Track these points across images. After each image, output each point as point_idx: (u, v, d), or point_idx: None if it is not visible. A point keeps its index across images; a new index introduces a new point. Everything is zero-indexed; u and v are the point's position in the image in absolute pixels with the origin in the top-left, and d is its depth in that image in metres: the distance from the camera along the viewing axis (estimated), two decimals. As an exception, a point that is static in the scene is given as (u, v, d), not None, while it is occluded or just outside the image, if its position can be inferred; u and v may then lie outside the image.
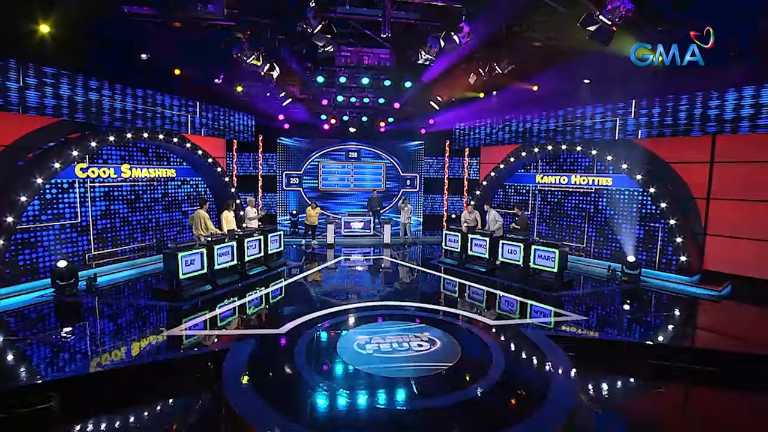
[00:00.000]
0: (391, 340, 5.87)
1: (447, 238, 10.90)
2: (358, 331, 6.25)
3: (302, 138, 14.76)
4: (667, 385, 5.48)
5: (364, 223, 13.73)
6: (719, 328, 6.96)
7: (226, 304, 7.46)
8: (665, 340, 6.31)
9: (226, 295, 7.89)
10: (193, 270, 7.69)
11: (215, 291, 7.99)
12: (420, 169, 15.60)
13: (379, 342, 5.82)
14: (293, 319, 6.58)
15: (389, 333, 6.12)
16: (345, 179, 15.33)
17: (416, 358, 5.37)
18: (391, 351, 5.54)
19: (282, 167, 14.71)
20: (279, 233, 10.08)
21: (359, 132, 14.63)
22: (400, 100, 12.73)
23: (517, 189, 13.12)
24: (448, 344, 5.78)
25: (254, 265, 9.27)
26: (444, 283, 9.21)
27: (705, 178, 8.86)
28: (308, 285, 8.88)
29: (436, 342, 5.86)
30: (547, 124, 11.76)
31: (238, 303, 7.60)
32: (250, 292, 8.16)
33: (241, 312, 7.27)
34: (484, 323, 6.61)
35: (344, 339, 5.95)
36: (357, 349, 5.61)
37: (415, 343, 5.79)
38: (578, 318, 6.96)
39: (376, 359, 5.33)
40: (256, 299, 7.90)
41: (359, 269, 10.52)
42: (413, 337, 6.01)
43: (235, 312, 7.24)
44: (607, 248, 10.78)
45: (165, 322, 6.61)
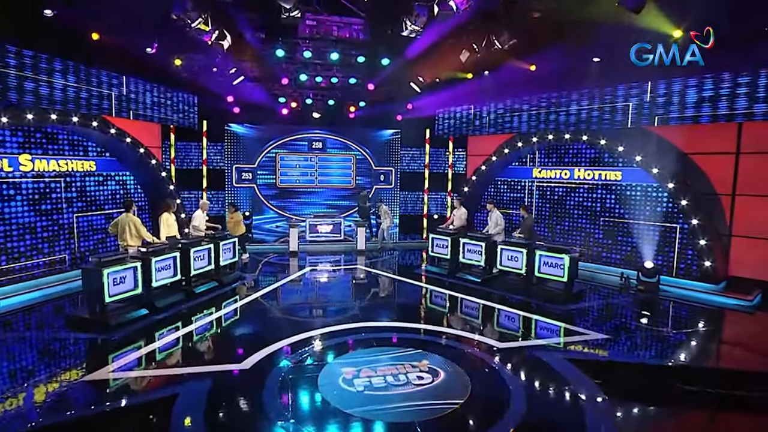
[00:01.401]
0: (383, 372, 5.60)
1: (434, 243, 10.76)
2: (342, 361, 5.95)
3: (256, 125, 14.48)
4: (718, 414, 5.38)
5: (333, 227, 13.55)
6: (764, 347, 6.97)
7: (169, 333, 7.02)
8: (705, 361, 6.31)
9: (168, 320, 7.44)
10: (123, 290, 7.14)
11: (154, 316, 7.49)
12: (396, 163, 15.58)
13: (370, 375, 5.53)
14: (257, 349, 6.20)
15: (380, 362, 5.84)
16: (308, 174, 15.15)
17: (418, 394, 5.10)
18: (385, 386, 5.28)
19: (232, 160, 14.39)
20: (233, 240, 9.73)
21: (325, 118, 14.43)
22: (375, 81, 12.55)
23: (511, 185, 13.16)
24: (453, 375, 5.59)
25: (203, 281, 8.84)
26: (433, 297, 9.18)
27: (730, 172, 9.00)
28: (271, 304, 8.61)
29: (439, 372, 5.64)
30: (548, 109, 11.77)
31: (185, 331, 7.16)
32: (199, 316, 7.76)
33: (190, 342, 6.84)
34: (490, 346, 6.50)
35: (326, 373, 5.61)
36: (344, 386, 5.30)
37: (413, 375, 5.54)
38: (598, 336, 6.90)
39: (369, 399, 5.02)
40: (208, 325, 7.53)
41: (330, 282, 10.45)
42: (410, 366, 5.77)
43: (182, 343, 6.78)
44: (618, 252, 10.86)
45: (85, 361, 6.07)
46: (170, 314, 7.63)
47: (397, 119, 14.99)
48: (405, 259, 12.41)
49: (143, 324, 7.16)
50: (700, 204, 9.25)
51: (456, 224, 10.89)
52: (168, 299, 7.87)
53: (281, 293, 9.21)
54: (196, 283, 8.61)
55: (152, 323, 7.24)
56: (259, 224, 14.63)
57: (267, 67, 11.77)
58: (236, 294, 8.91)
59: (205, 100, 13.06)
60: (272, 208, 14.99)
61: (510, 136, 12.50)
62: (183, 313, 7.76)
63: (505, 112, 12.72)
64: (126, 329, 6.89)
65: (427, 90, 12.78)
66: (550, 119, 11.72)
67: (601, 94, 10.65)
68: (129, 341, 6.56)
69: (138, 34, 9.27)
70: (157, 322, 7.30)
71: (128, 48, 9.48)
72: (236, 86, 12.27)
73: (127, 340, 6.58)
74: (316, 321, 7.59)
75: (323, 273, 11.05)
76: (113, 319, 6.91)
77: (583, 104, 11.03)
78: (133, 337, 6.71)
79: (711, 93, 8.94)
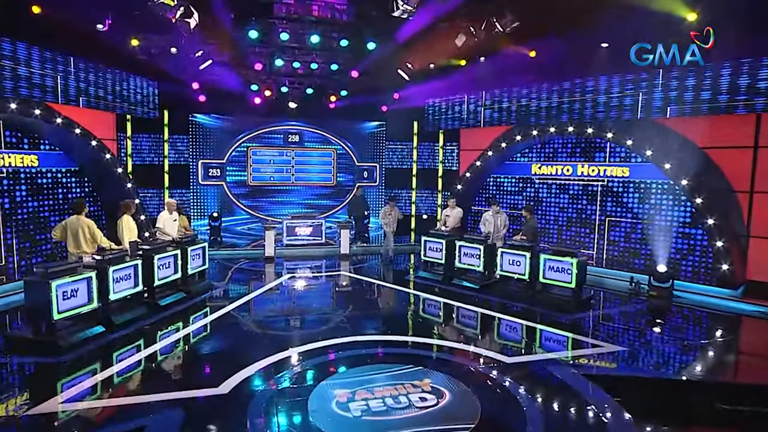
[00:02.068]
0: (382, 394, 5.46)
1: (427, 246, 10.67)
2: (334, 382, 5.78)
3: (225, 115, 14.33)
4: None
5: (313, 229, 13.43)
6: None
7: (130, 354, 6.73)
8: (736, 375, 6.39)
9: (128, 339, 7.15)
10: (75, 305, 6.79)
11: (112, 334, 7.18)
12: (381, 158, 15.59)
13: (367, 397, 5.38)
14: (236, 370, 5.98)
15: (377, 382, 5.71)
16: (284, 171, 15.09)
17: (423, 418, 4.98)
18: (386, 410, 5.14)
19: (197, 154, 14.19)
20: (202, 245, 9.50)
21: (302, 108, 14.32)
22: (360, 67, 12.49)
23: (508, 182, 13.12)
24: (460, 395, 5.49)
25: (169, 292, 8.59)
26: (429, 306, 9.18)
27: (747, 167, 9.08)
28: (246, 317, 8.42)
29: (444, 392, 5.54)
30: (549, 99, 11.79)
31: (149, 351, 6.89)
32: (165, 332, 7.52)
33: (156, 364, 6.57)
34: (496, 361, 6.45)
35: (317, 396, 5.42)
36: (338, 411, 5.12)
37: (415, 396, 5.43)
38: (614, 348, 6.92)
39: (368, 426, 4.87)
40: (176, 342, 7.29)
41: (313, 291, 10.36)
42: (410, 386, 5.66)
43: (146, 365, 6.50)
44: (626, 255, 10.90)
45: (28, 390, 5.70)
46: (131, 331, 7.36)
47: (383, 110, 14.97)
48: (391, 264, 12.36)
49: (99, 344, 6.86)
50: (716, 202, 9.31)
51: (450, 225, 10.83)
52: (128, 314, 7.62)
53: (258, 305, 9.04)
54: (160, 295, 8.34)
55: (110, 343, 6.95)
56: (229, 226, 14.43)
57: (238, 51, 11.62)
58: (207, 306, 8.67)
59: (166, 86, 12.79)
60: (244, 209, 14.85)
61: (507, 129, 12.50)
62: (146, 329, 7.52)
63: (503, 103, 12.71)
64: (79, 351, 6.59)
65: (417, 78, 12.75)
66: (551, 110, 11.73)
67: (608, 82, 10.68)
68: (82, 365, 6.28)
69: (87, 8, 9.01)
70: (115, 341, 7.02)
71: (76, 24, 9.17)
72: (203, 71, 12.04)
73: (81, 364, 6.29)
74: (300, 336, 7.44)
75: (304, 281, 10.92)
76: (63, 339, 6.58)
77: (589, 94, 11.06)
78: (88, 359, 6.43)
79: (728, 81, 9.02)
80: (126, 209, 8.39)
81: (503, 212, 10.53)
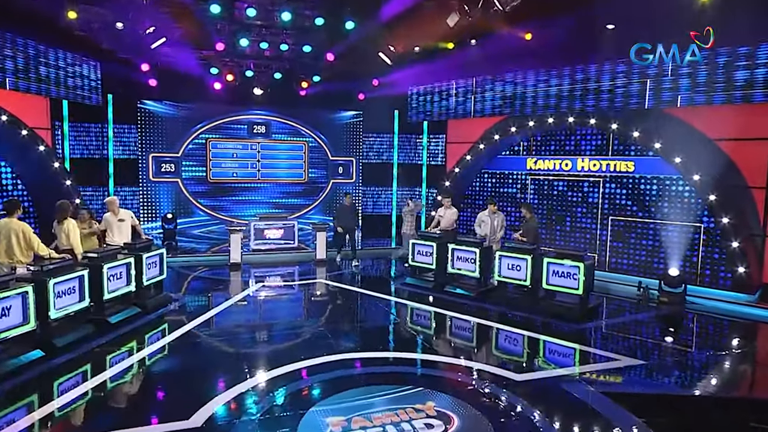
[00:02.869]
0: (381, 421, 5.29)
1: (415, 250, 10.63)
2: (326, 408, 5.57)
3: (180, 102, 14.24)
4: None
5: (285, 231, 13.26)
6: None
7: (75, 383, 6.33)
8: None
9: (73, 364, 6.76)
10: (8, 326, 6.45)
11: (53, 359, 6.80)
12: (358, 152, 15.67)
13: (365, 426, 5.20)
14: (207, 398, 5.71)
15: (374, 407, 5.56)
16: (248, 166, 15.10)
17: None
18: None
19: (148, 147, 14.08)
20: (159, 252, 9.21)
21: (270, 96, 14.37)
22: (336, 50, 12.48)
23: (500, 178, 13.23)
24: (470, 420, 5.37)
25: (120, 307, 8.29)
26: (419, 317, 9.24)
27: (763, 160, 9.24)
28: (213, 335, 8.12)
29: (452, 418, 5.40)
30: (548, 87, 11.92)
31: (99, 378, 6.45)
32: (117, 355, 7.13)
33: (107, 395, 6.17)
34: (505, 379, 6.40)
35: (307, 426, 5.20)
36: None
37: (420, 422, 5.28)
38: (632, 362, 6.91)
39: None
40: (131, 367, 6.87)
41: (288, 303, 10.23)
42: (413, 411, 5.50)
43: (95, 396, 6.08)
44: (631, 258, 11.00)
45: None
46: (76, 355, 6.95)
47: (360, 98, 15.02)
48: (374, 270, 12.32)
49: (37, 372, 6.46)
50: (730, 199, 9.48)
51: (443, 226, 10.75)
52: (72, 335, 7.26)
53: (225, 320, 8.76)
54: (111, 311, 8.00)
55: (51, 370, 6.55)
56: (185, 229, 14.30)
57: (197, 28, 11.50)
58: (165, 323, 8.34)
59: (110, 68, 12.69)
60: (203, 209, 14.80)
61: (501, 119, 12.57)
62: (94, 352, 7.12)
63: (495, 91, 12.77)
64: (11, 381, 6.18)
65: (400, 63, 12.80)
66: (550, 99, 11.83)
67: (612, 68, 10.79)
68: (16, 397, 5.89)
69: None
70: (57, 367, 6.63)
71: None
72: (154, 51, 11.99)
73: (13, 398, 5.88)
74: (279, 355, 7.17)
75: (276, 291, 10.74)
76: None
77: (591, 81, 11.17)
78: (22, 392, 6.05)
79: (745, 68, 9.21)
80: (62, 212, 8.12)
81: (500, 212, 10.44)
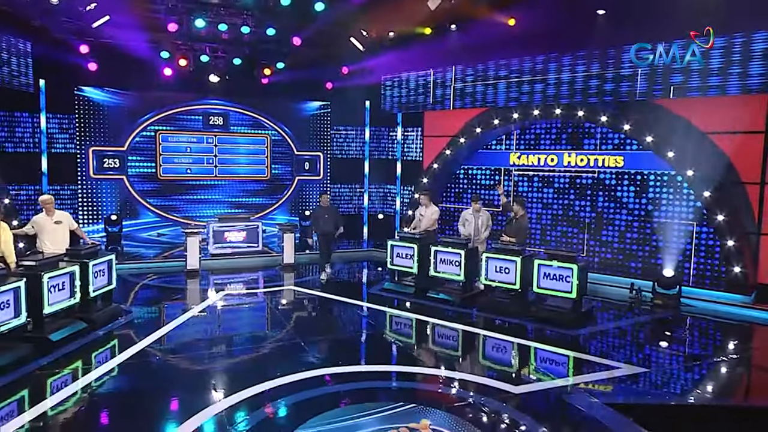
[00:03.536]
0: None
1: (394, 253, 10.55)
2: (311, 431, 5.38)
3: (125, 90, 14.05)
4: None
5: (248, 233, 12.98)
6: None
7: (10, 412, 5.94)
8: None
9: (7, 390, 6.36)
10: None
11: None
12: (325, 146, 15.71)
13: None
14: (168, 428, 5.52)
15: (365, 428, 5.42)
16: (204, 161, 15.04)
17: None
18: None
19: (87, 140, 13.87)
20: (108, 258, 8.84)
21: (228, 84, 14.21)
22: (303, 33, 12.41)
23: (481, 174, 13.24)
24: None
25: (63, 322, 7.89)
26: (401, 326, 9.23)
27: (757, 155, 9.46)
28: (172, 353, 7.79)
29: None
30: (533, 77, 12.00)
31: (39, 408, 6.02)
32: (59, 379, 6.73)
33: (48, 425, 5.79)
34: (502, 391, 6.35)
35: None
36: None
37: None
38: (634, 370, 6.97)
39: None
40: (77, 393, 6.44)
41: (254, 313, 10.02)
42: (407, 431, 5.39)
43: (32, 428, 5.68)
44: (622, 258, 11.17)
45: None
46: (11, 380, 6.55)
47: (328, 88, 14.97)
48: (347, 274, 12.23)
49: None
50: (725, 195, 9.68)
51: (423, 226, 10.68)
52: (7, 356, 6.87)
53: (185, 334, 8.40)
54: (52, 327, 7.59)
55: None
56: (132, 232, 14.17)
57: (146, 6, 11.37)
58: (116, 339, 7.96)
59: (43, 49, 12.33)
60: (152, 209, 14.67)
61: (482, 111, 12.61)
62: (33, 376, 6.72)
63: (477, 80, 12.80)
64: None
65: (373, 49, 12.85)
66: (535, 89, 11.92)
67: (602, 57, 10.91)
68: None
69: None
70: None
71: None
72: (96, 31, 11.83)
73: None
74: (250, 373, 6.87)
75: (241, 300, 10.50)
76: None
77: (580, 71, 11.28)
78: None
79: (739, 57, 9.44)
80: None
81: (486, 211, 10.41)
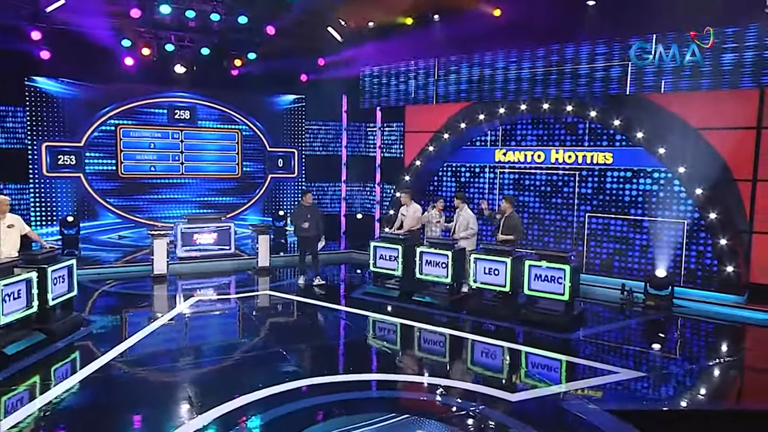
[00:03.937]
0: None
1: (377, 255, 10.50)
2: None
3: (82, 81, 13.93)
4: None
5: (219, 235, 12.75)
6: None
7: None
8: None
9: None
10: None
11: None
12: (300, 142, 15.76)
13: None
14: None
15: None
16: (170, 158, 15.01)
17: None
18: None
19: (40, 135, 13.77)
20: (68, 263, 8.57)
21: (195, 75, 14.13)
22: (278, 22, 12.39)
23: (465, 172, 13.31)
24: None
25: (19, 334, 7.62)
26: (386, 332, 9.21)
27: (749, 151, 9.62)
28: (141, 366, 7.52)
29: None
30: (519, 70, 12.04)
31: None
32: (14, 396, 6.45)
33: None
34: (498, 399, 6.33)
35: None
36: None
37: None
38: (632, 374, 7.00)
39: None
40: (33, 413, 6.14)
41: (227, 321, 9.81)
42: None
43: None
44: (611, 258, 11.28)
45: None
46: None
47: (302, 80, 14.89)
48: (326, 278, 12.10)
49: None
50: (717, 193, 9.82)
51: (406, 226, 10.70)
52: None
53: (154, 345, 8.14)
54: (6, 340, 7.29)
55: None
56: (90, 234, 14.11)
57: None
58: (77, 352, 7.66)
59: None
60: (112, 210, 14.61)
61: (467, 105, 12.64)
62: None
63: (461, 73, 12.84)
64: None
65: (351, 40, 12.88)
66: (521, 83, 11.97)
67: (591, 50, 11.02)
68: None
69: None
70: None
71: None
72: (49, 15, 11.78)
73: None
74: (230, 386, 6.64)
75: (214, 306, 10.29)
76: None
77: (568, 64, 11.39)
78: None
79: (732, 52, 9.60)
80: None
81: (467, 209, 10.39)
